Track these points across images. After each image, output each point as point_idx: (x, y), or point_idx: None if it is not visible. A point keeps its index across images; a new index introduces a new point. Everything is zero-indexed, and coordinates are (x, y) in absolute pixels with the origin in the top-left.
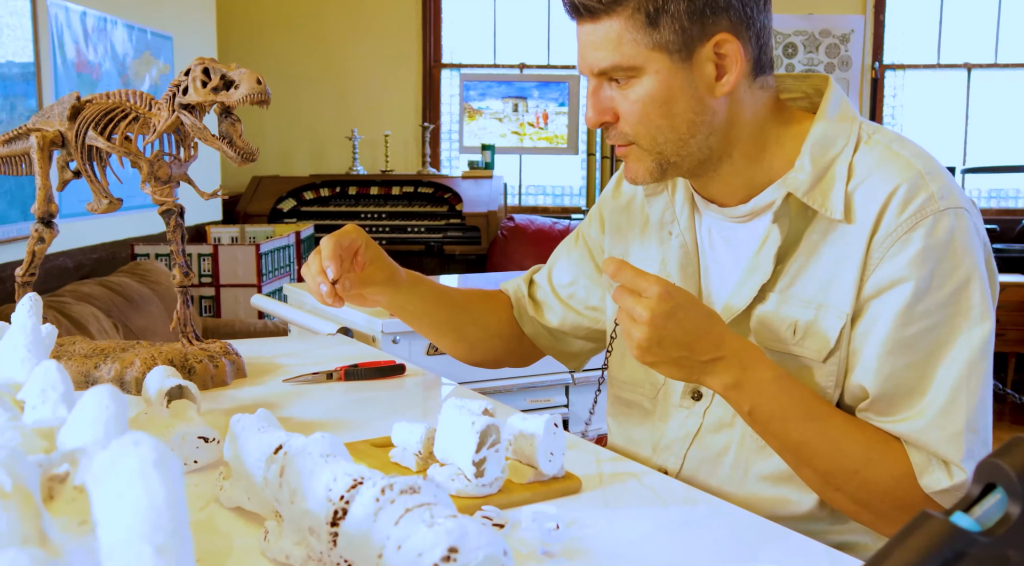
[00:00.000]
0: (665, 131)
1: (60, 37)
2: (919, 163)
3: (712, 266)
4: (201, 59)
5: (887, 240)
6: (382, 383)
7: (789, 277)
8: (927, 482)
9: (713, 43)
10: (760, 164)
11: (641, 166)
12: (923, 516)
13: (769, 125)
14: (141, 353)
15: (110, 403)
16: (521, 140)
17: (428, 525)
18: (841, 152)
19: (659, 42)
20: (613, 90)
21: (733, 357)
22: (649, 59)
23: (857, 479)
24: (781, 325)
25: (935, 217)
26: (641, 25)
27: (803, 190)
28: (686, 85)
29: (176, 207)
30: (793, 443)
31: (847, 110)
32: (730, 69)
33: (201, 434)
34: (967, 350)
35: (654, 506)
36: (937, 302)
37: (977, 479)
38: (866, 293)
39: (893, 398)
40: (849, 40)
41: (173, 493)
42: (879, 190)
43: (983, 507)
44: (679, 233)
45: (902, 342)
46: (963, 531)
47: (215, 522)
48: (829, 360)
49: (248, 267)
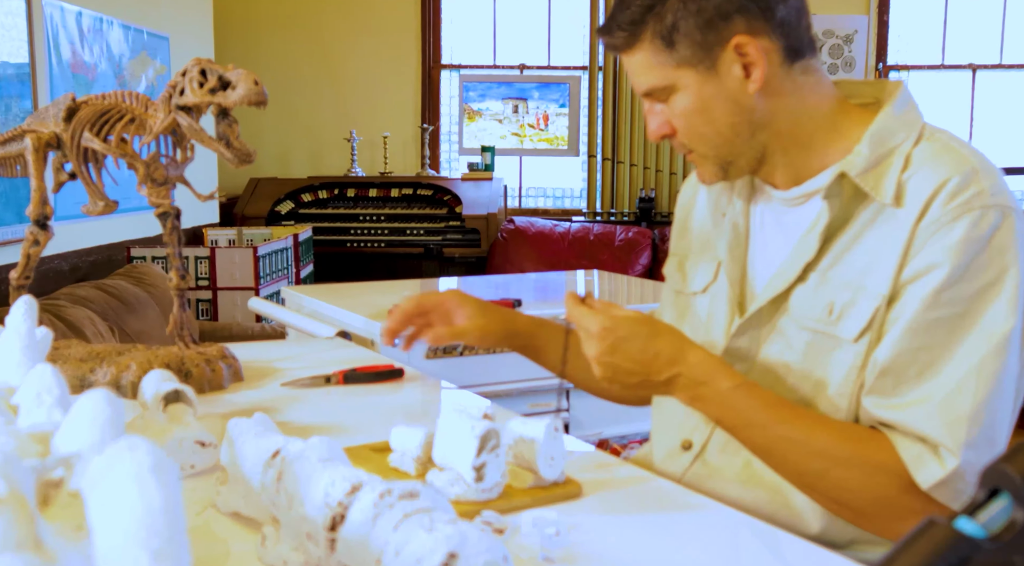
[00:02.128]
0: (711, 137)
1: (55, 37)
2: (975, 159)
3: (760, 248)
4: (198, 60)
5: (931, 227)
6: (381, 387)
7: (832, 258)
8: (921, 478)
9: (732, 47)
10: (813, 150)
11: (705, 170)
12: (928, 522)
13: (820, 108)
14: (137, 357)
15: (106, 407)
16: (521, 141)
17: (427, 530)
18: (901, 144)
19: (681, 60)
20: (662, 106)
21: (690, 372)
22: (677, 77)
23: (829, 477)
24: (818, 305)
25: (982, 211)
26: (661, 49)
27: (857, 171)
28: (717, 92)
29: (173, 209)
30: (762, 448)
31: (913, 110)
32: (756, 66)
33: (198, 438)
34: (985, 343)
35: (655, 512)
36: (966, 293)
37: (982, 484)
38: (904, 277)
39: (900, 376)
40: (852, 41)
41: (169, 498)
42: (931, 179)
43: (988, 512)
44: (733, 215)
45: (922, 323)
46: (968, 537)
47: (212, 527)
48: (860, 339)
49: (245, 270)
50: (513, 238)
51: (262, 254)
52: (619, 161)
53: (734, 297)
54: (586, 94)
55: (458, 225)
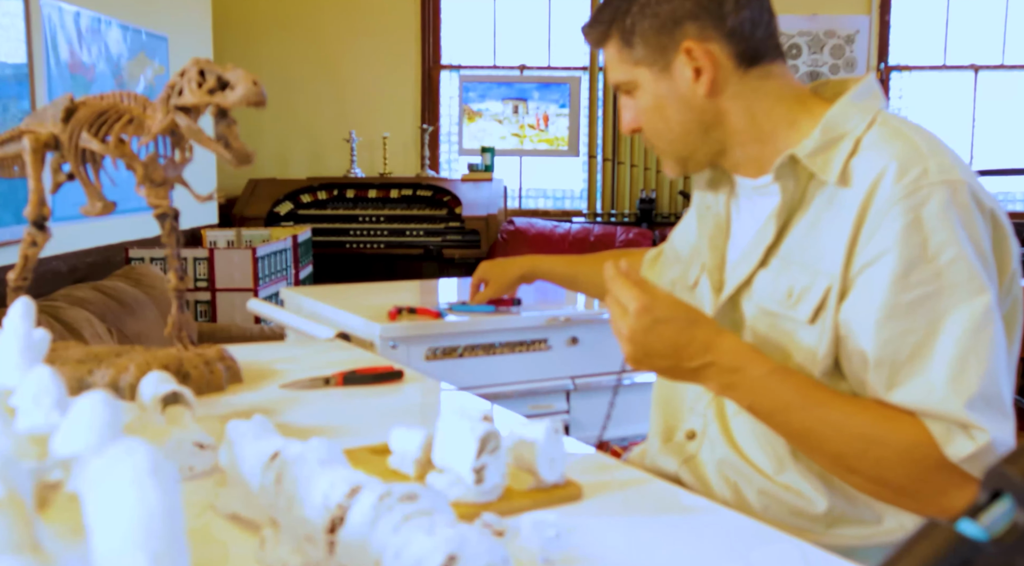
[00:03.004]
0: (665, 133)
1: (53, 37)
2: (921, 141)
3: (736, 235)
4: (196, 60)
5: (881, 210)
6: (380, 389)
7: (792, 243)
8: (952, 451)
9: (683, 50)
10: (774, 144)
11: (666, 164)
12: (930, 524)
13: (780, 109)
14: (136, 358)
15: (104, 409)
16: (521, 142)
17: (427, 533)
18: (853, 129)
19: (638, 58)
20: (631, 101)
21: (723, 360)
22: (636, 74)
23: (868, 457)
24: (779, 289)
25: (929, 189)
26: (622, 47)
27: (805, 152)
28: (669, 91)
29: (171, 210)
30: (798, 432)
31: (873, 99)
32: (705, 70)
33: (197, 441)
34: (969, 318)
35: (655, 514)
36: (932, 271)
37: (985, 487)
38: (860, 261)
39: (894, 365)
40: (854, 41)
41: (168, 501)
42: (876, 162)
43: (991, 515)
44: (716, 207)
45: (898, 308)
46: (970, 539)
47: (211, 530)
48: (816, 321)
49: (244, 271)
50: (513, 239)
51: (261, 255)
52: (620, 162)
53: (715, 286)
54: (586, 94)
55: (458, 226)
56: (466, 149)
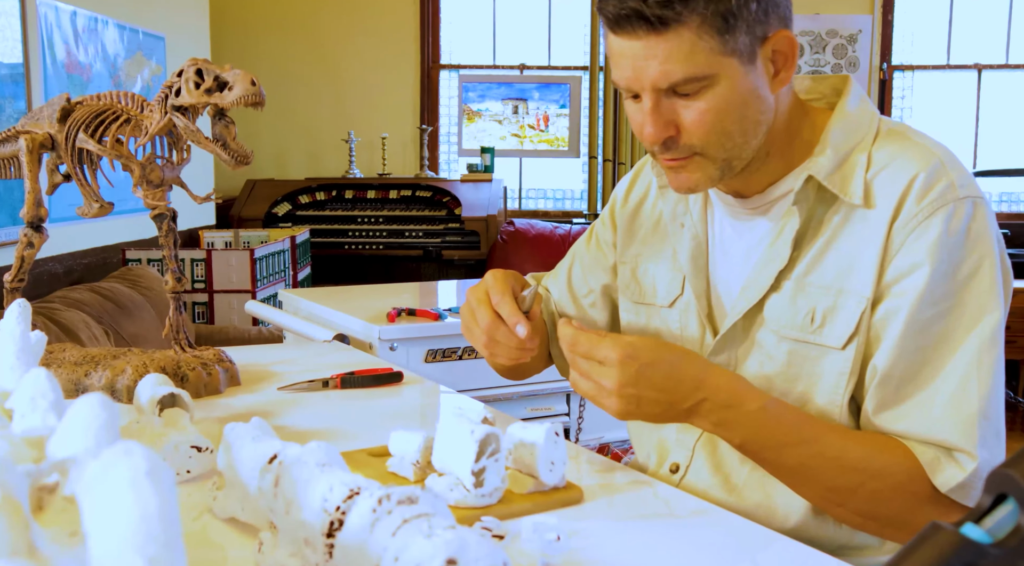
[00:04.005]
0: (735, 136)
1: (50, 37)
2: (938, 151)
3: (721, 258)
4: (194, 60)
5: (908, 226)
6: (379, 391)
7: (805, 264)
8: (941, 481)
9: (773, 41)
10: (782, 156)
11: (702, 174)
12: (933, 527)
13: (794, 116)
14: (133, 360)
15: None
16: (521, 142)
17: (426, 536)
18: (860, 141)
19: (732, 47)
20: (673, 102)
21: (715, 397)
22: (723, 66)
23: (861, 493)
24: (798, 313)
25: (955, 205)
26: (714, 31)
27: (824, 174)
28: (754, 87)
29: (168, 211)
30: (789, 468)
31: (866, 105)
32: (786, 65)
33: (194, 443)
34: (977, 338)
35: (657, 517)
36: (951, 289)
37: (988, 490)
38: (887, 278)
39: (900, 382)
40: (856, 41)
41: (165, 503)
42: (900, 177)
43: (994, 518)
44: (691, 225)
45: (917, 325)
46: (974, 543)
47: (208, 533)
48: (848, 346)
49: (242, 272)
50: (513, 240)
51: (259, 256)
52: (620, 162)
53: (702, 311)
54: (587, 94)
55: (457, 227)
56: (465, 149)
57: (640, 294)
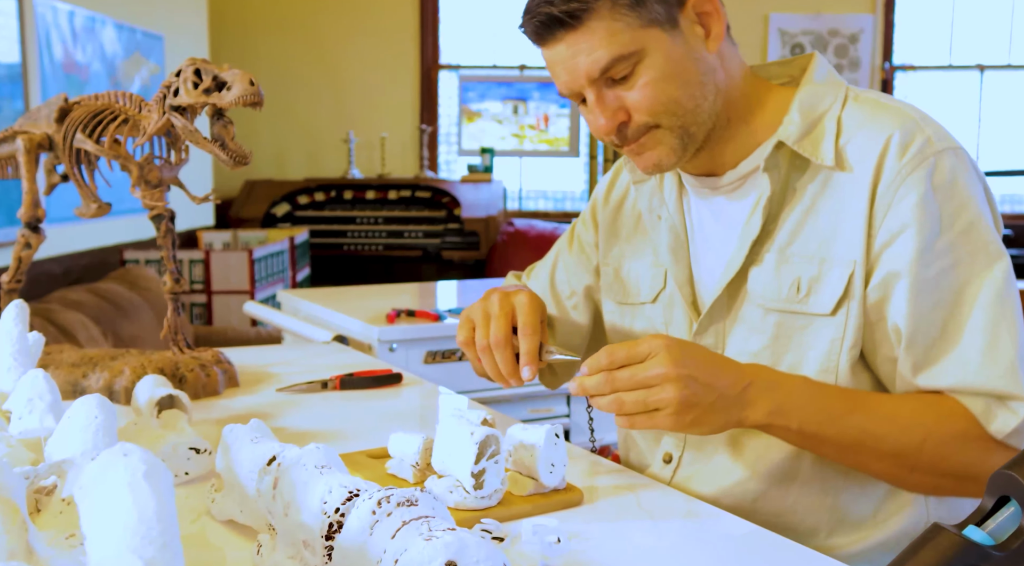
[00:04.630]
0: (683, 101)
1: (48, 37)
2: (909, 110)
3: (702, 244)
4: (192, 60)
5: (892, 186)
6: (378, 392)
7: (787, 235)
8: (996, 428)
9: (692, 3)
10: (749, 126)
11: (664, 148)
12: (935, 529)
13: (750, 85)
14: (131, 362)
15: (98, 413)
16: (521, 143)
17: (426, 538)
18: (829, 108)
19: (649, 18)
20: (614, 90)
21: (758, 379)
22: (647, 38)
23: (928, 448)
24: (783, 284)
25: (936, 158)
26: (626, 9)
27: (793, 139)
28: (686, 50)
29: (167, 212)
30: (852, 440)
31: (833, 76)
32: (714, 23)
33: (192, 445)
34: (992, 286)
35: (657, 519)
36: (950, 242)
37: (990, 492)
38: (880, 242)
39: (929, 341)
40: (858, 40)
41: (163, 505)
42: (875, 139)
43: (996, 520)
44: (667, 216)
45: (924, 283)
46: (976, 545)
47: (207, 535)
48: (838, 311)
49: (241, 273)
50: (513, 241)
51: (258, 257)
52: None
53: (688, 299)
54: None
55: (457, 228)
56: (465, 150)
57: (624, 294)
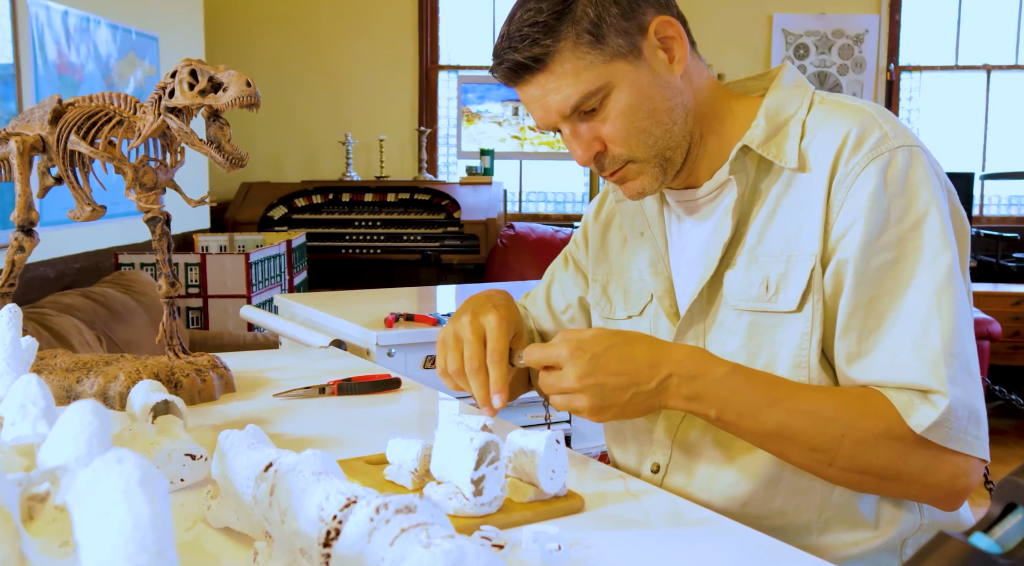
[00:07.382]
0: (653, 130)
1: (41, 37)
2: (868, 108)
3: (681, 255)
4: (188, 60)
5: (846, 181)
6: (377, 398)
7: (755, 236)
8: (915, 422)
9: (652, 30)
10: (722, 138)
11: (645, 177)
12: (941, 537)
13: (720, 97)
14: (125, 367)
15: (93, 419)
16: (521, 145)
17: (424, 546)
18: (795, 113)
19: (612, 53)
20: (588, 122)
21: (680, 369)
22: (612, 72)
23: (845, 445)
24: (752, 284)
25: (890, 154)
26: (588, 47)
27: (757, 142)
28: (651, 78)
29: (162, 215)
30: (770, 433)
31: (802, 82)
32: (677, 47)
33: (188, 451)
34: (932, 281)
35: (658, 526)
36: (895, 237)
37: (997, 499)
38: (834, 236)
39: (861, 331)
40: (863, 41)
41: (158, 513)
42: (833, 136)
43: (1003, 528)
44: (650, 234)
45: (866, 275)
46: (983, 553)
47: (202, 543)
48: (804, 306)
49: (237, 277)
50: (513, 244)
51: (254, 261)
52: None
53: (670, 310)
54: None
55: (456, 231)
56: (465, 152)
57: (610, 310)
